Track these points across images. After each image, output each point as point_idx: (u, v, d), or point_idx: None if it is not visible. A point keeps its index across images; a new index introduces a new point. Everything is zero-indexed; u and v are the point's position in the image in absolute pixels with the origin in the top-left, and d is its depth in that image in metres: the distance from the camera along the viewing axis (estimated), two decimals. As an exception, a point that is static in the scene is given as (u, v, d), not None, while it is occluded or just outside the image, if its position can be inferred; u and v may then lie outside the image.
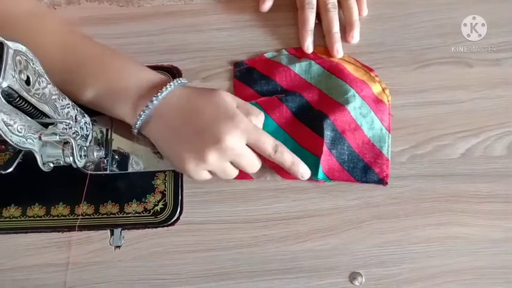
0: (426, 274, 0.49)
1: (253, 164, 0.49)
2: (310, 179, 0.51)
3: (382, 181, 0.51)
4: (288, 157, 0.48)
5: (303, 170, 0.49)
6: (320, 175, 0.51)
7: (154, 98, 0.46)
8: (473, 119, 0.54)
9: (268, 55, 0.58)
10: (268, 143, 0.47)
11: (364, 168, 0.52)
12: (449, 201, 0.51)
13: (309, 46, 0.57)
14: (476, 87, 0.56)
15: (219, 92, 0.48)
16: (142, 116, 0.47)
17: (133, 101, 0.47)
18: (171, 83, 0.48)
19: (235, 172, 0.49)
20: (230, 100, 0.48)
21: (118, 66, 0.49)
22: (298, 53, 0.57)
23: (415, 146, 0.53)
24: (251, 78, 0.56)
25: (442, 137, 0.54)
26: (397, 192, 0.51)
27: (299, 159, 0.49)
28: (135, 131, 0.48)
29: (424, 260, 0.49)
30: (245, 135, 0.46)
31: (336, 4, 0.57)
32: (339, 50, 0.56)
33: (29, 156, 0.42)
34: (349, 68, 0.55)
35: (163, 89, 0.47)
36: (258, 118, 0.49)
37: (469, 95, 0.55)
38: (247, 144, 0.47)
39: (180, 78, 0.49)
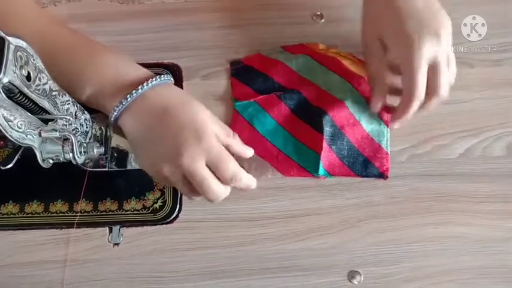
0: (424, 273, 0.49)
1: (211, 191, 0.43)
2: (311, 175, 0.51)
3: (382, 175, 0.52)
4: (243, 185, 0.45)
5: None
6: (321, 171, 0.51)
7: (128, 96, 0.44)
8: (473, 119, 0.54)
9: (264, 52, 0.58)
10: (228, 170, 0.43)
11: (364, 162, 0.52)
12: (448, 200, 0.51)
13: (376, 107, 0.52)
14: (476, 87, 0.56)
15: (199, 107, 0.44)
16: (116, 111, 0.44)
17: (111, 94, 0.45)
18: (150, 82, 0.44)
19: (193, 195, 0.45)
20: (206, 118, 0.44)
21: (100, 59, 0.47)
22: (295, 50, 0.57)
23: (415, 146, 0.53)
24: (248, 77, 0.56)
25: (441, 137, 0.54)
26: (396, 192, 0.52)
27: (253, 182, 0.46)
28: (111, 123, 0.46)
29: (423, 259, 0.49)
30: (205, 155, 0.42)
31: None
32: (396, 123, 0.52)
33: (28, 152, 0.42)
34: (346, 63, 0.55)
35: (139, 88, 0.44)
36: (235, 139, 0.46)
37: (469, 95, 0.55)
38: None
39: (164, 76, 0.46)
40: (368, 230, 0.50)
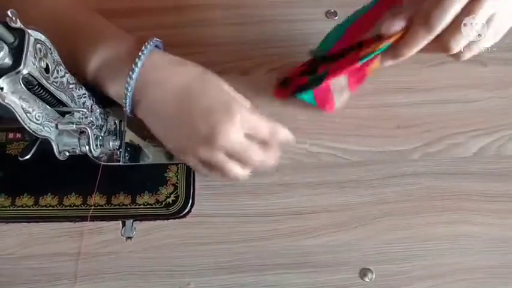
0: (437, 272, 0.48)
1: (255, 155, 0.44)
2: None
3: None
4: (283, 135, 0.46)
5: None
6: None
7: (129, 76, 0.43)
8: (487, 118, 0.54)
9: None
10: (266, 128, 0.44)
11: None
12: (461, 199, 0.51)
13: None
14: (490, 86, 0.56)
15: (218, 80, 0.45)
16: (128, 95, 0.44)
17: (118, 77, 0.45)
18: (142, 51, 0.44)
19: (236, 168, 0.45)
20: (229, 90, 0.45)
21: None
22: None
23: (428, 144, 0.53)
24: None
25: (455, 136, 0.54)
26: (409, 190, 0.51)
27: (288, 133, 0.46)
28: (128, 113, 0.47)
29: (435, 258, 0.49)
30: (242, 126, 0.43)
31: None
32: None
33: (43, 145, 0.42)
34: None
35: (135, 65, 0.43)
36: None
37: (483, 94, 0.55)
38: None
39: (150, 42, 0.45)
40: (380, 227, 0.50)
